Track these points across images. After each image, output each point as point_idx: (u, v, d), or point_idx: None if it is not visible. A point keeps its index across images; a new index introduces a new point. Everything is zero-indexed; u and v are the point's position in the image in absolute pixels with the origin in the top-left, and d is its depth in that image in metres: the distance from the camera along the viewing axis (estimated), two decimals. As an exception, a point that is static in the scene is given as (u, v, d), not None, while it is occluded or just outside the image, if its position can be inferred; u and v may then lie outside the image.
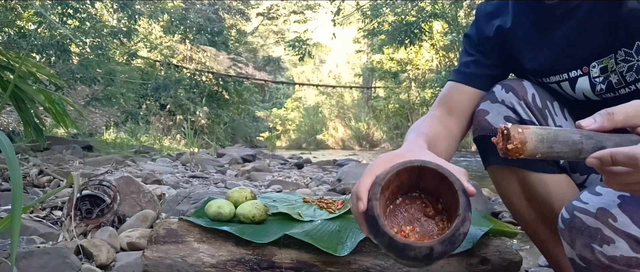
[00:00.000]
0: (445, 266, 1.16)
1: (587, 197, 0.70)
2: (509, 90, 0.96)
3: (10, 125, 7.05)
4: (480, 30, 1.04)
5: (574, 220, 0.69)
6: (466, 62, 1.05)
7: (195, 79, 16.62)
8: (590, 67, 0.88)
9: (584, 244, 0.67)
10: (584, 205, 0.69)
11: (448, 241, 0.63)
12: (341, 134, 25.28)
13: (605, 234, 0.66)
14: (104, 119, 11.52)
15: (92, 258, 1.33)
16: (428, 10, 13.75)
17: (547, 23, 0.92)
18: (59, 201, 1.98)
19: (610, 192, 0.69)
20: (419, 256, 0.63)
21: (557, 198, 0.95)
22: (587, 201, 0.70)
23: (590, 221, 0.67)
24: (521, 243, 1.88)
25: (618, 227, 0.65)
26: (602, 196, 0.69)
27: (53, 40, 7.71)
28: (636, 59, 0.82)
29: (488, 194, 2.96)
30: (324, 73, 29.64)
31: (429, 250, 0.62)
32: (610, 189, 0.68)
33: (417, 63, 19.04)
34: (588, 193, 0.71)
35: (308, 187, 3.65)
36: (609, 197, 0.68)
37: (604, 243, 0.65)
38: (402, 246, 0.63)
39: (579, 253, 0.68)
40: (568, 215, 0.70)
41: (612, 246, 0.65)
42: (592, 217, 0.67)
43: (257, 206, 1.27)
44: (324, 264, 1.15)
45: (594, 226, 0.67)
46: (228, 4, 18.73)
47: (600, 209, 0.67)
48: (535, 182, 0.96)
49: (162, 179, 3.36)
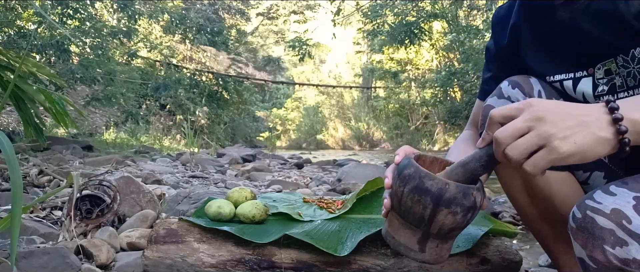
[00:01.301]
0: (445, 266, 1.17)
1: (600, 197, 0.68)
2: (515, 86, 0.96)
3: (10, 125, 7.05)
4: (496, 40, 1.05)
5: (586, 220, 0.67)
6: (486, 79, 1.09)
7: (195, 79, 16.62)
8: (595, 69, 0.88)
9: (595, 245, 0.65)
10: (597, 205, 0.67)
11: (463, 190, 0.69)
12: (341, 134, 25.28)
13: (618, 236, 0.63)
14: (104, 119, 11.52)
15: (92, 258, 1.33)
16: (428, 10, 13.75)
17: (549, 22, 0.92)
18: (59, 201, 1.98)
19: (625, 192, 0.67)
20: (434, 188, 0.69)
21: (559, 195, 0.95)
22: (600, 200, 0.67)
23: (603, 221, 0.65)
24: (521, 243, 1.88)
25: (632, 229, 0.63)
26: (617, 196, 0.67)
27: (53, 40, 7.71)
28: (632, 65, 0.82)
29: (488, 194, 2.96)
30: (324, 73, 29.63)
31: (445, 185, 0.68)
32: (625, 189, 0.67)
33: (417, 63, 19.04)
34: (602, 192, 0.68)
35: (308, 187, 3.65)
36: (624, 198, 0.66)
37: (617, 245, 0.63)
38: (423, 174, 0.70)
39: (590, 254, 0.66)
40: (580, 214, 0.68)
41: (625, 248, 0.63)
42: (605, 218, 0.65)
43: (257, 206, 1.27)
44: (324, 264, 1.15)
45: (608, 227, 0.64)
46: (228, 4, 18.72)
47: (614, 209, 0.65)
48: (537, 179, 0.96)
49: (162, 179, 3.36)
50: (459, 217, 0.70)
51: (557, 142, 0.61)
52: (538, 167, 0.63)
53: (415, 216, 0.71)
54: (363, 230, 1.21)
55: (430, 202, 0.69)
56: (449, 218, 0.70)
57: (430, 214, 0.70)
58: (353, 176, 3.67)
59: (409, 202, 0.71)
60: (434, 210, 0.69)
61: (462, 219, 0.71)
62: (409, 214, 0.72)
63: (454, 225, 0.71)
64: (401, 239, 0.75)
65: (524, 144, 0.63)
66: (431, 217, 0.70)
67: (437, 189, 0.68)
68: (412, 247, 0.75)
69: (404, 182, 0.71)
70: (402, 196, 0.72)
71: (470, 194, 0.70)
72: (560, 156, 0.61)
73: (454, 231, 0.74)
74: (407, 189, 0.71)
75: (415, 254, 0.75)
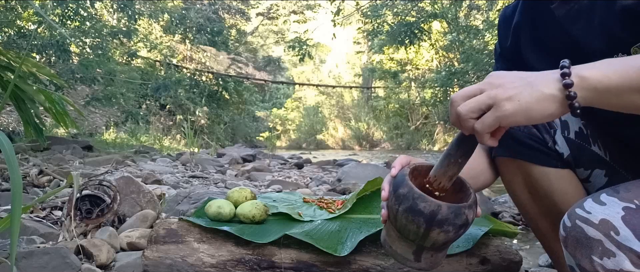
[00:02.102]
0: (445, 266, 1.16)
1: (590, 206, 0.68)
2: None
3: (10, 125, 7.05)
4: (501, 40, 1.05)
5: (576, 229, 0.67)
6: None
7: (195, 79, 16.62)
8: None
9: (584, 254, 0.66)
10: (586, 214, 0.67)
11: (454, 211, 0.71)
12: (341, 134, 25.27)
13: (606, 247, 0.64)
14: (104, 119, 11.51)
15: (92, 258, 1.33)
16: (428, 10, 13.75)
17: (548, 22, 0.91)
18: (59, 201, 1.98)
19: (614, 202, 0.67)
20: (427, 210, 0.71)
21: (559, 192, 0.95)
22: (590, 209, 0.68)
23: (591, 232, 0.65)
24: (521, 243, 1.88)
25: (620, 241, 0.63)
26: (606, 206, 0.67)
27: (53, 40, 7.71)
28: None
29: (488, 194, 2.96)
30: (324, 73, 29.63)
31: (437, 207, 0.71)
32: (615, 198, 0.67)
33: (416, 63, 19.05)
34: (592, 201, 0.69)
35: (308, 187, 3.65)
36: (613, 208, 0.66)
37: (605, 256, 0.64)
38: (417, 195, 0.72)
39: (579, 263, 0.67)
40: (570, 223, 0.69)
41: (612, 259, 0.63)
42: (593, 229, 0.65)
43: (257, 206, 1.27)
44: (324, 264, 1.15)
45: (596, 238, 0.65)
46: (228, 4, 18.73)
47: (602, 220, 0.65)
48: (538, 176, 0.96)
49: (162, 179, 3.36)
50: (451, 234, 0.74)
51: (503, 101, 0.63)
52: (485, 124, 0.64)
53: (410, 233, 0.75)
54: (363, 230, 1.21)
55: (423, 222, 0.72)
56: (442, 235, 0.74)
57: (424, 233, 0.73)
58: (353, 176, 3.67)
59: (403, 220, 0.75)
60: (427, 229, 0.73)
61: (455, 235, 0.75)
62: (404, 230, 0.76)
63: (447, 240, 0.75)
64: (398, 249, 0.80)
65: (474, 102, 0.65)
66: (425, 235, 0.74)
67: (430, 211, 0.71)
68: (408, 257, 0.79)
69: (399, 201, 0.75)
70: (397, 214, 0.75)
71: (462, 214, 0.73)
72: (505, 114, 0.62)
73: (448, 243, 0.78)
74: (401, 209, 0.74)
75: (412, 263, 0.80)
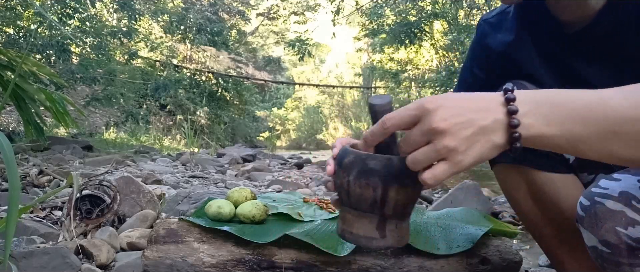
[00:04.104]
0: (445, 266, 1.16)
1: (606, 183, 0.71)
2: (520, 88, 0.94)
3: (11, 125, 7.06)
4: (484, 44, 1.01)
5: (595, 206, 0.69)
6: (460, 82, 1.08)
7: (195, 79, 16.63)
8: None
9: (607, 228, 0.67)
10: (604, 190, 0.70)
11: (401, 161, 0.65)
12: (341, 134, 25.27)
13: (629, 216, 0.66)
14: (104, 119, 11.52)
15: (92, 258, 1.33)
16: (428, 10, 13.75)
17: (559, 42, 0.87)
18: (59, 201, 1.98)
19: (629, 176, 0.69)
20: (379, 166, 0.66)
21: (565, 198, 0.93)
22: (606, 186, 0.70)
23: (612, 204, 0.68)
24: (521, 243, 1.88)
25: None
26: (622, 181, 0.69)
27: (53, 40, 7.72)
28: None
29: (488, 194, 2.96)
30: (324, 73, 29.64)
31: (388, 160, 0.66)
32: (628, 175, 0.68)
33: (417, 63, 19.05)
34: (606, 180, 0.71)
35: (308, 187, 3.65)
36: (630, 181, 0.69)
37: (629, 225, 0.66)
38: (364, 156, 0.67)
39: (603, 238, 0.68)
40: (588, 202, 0.70)
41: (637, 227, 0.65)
42: (614, 201, 0.68)
43: (257, 206, 1.27)
44: (324, 264, 1.15)
45: (617, 209, 0.67)
46: (228, 4, 18.72)
47: (622, 192, 0.68)
48: (543, 182, 0.94)
49: (162, 179, 3.36)
50: (409, 190, 0.67)
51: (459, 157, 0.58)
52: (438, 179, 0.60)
53: (367, 201, 0.68)
54: (363, 230, 1.20)
55: (379, 181, 0.66)
56: (401, 194, 0.67)
57: (382, 194, 0.67)
58: (353, 176, 3.66)
59: (357, 190, 0.68)
60: (385, 188, 0.66)
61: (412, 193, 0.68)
62: (360, 202, 0.69)
63: (407, 200, 0.69)
64: (359, 231, 0.72)
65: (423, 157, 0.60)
66: (383, 197, 0.67)
67: (382, 166, 0.66)
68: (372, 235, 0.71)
69: (348, 171, 0.69)
70: (349, 186, 0.69)
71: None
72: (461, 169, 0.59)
73: (408, 207, 0.71)
74: (352, 177, 0.68)
75: (378, 241, 0.72)
